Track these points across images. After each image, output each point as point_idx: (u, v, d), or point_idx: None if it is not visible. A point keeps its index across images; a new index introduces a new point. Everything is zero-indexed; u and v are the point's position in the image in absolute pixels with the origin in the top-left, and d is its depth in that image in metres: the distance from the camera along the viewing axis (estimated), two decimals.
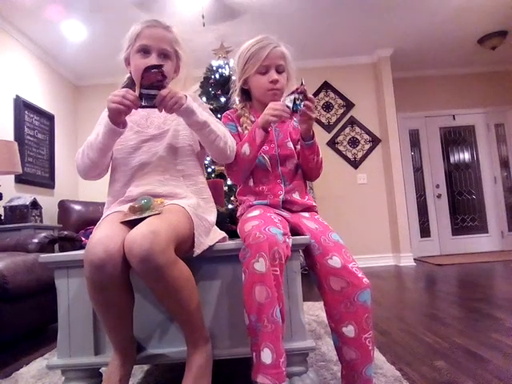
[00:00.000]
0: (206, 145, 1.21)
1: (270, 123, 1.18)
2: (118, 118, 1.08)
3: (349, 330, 1.04)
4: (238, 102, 1.40)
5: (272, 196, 1.27)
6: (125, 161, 1.22)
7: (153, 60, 1.19)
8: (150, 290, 0.97)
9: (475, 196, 5.48)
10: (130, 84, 1.25)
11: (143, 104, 1.05)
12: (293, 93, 1.15)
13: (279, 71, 1.29)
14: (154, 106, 1.06)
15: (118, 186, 1.23)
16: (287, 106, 1.15)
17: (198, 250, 1.05)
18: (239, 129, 1.34)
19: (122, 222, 1.02)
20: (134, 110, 1.07)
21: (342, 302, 1.05)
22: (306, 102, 1.15)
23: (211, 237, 1.15)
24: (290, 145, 1.32)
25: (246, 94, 1.39)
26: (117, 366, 1.02)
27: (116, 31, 3.67)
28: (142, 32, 1.22)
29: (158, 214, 1.01)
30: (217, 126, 1.19)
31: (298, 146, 1.32)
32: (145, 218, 0.99)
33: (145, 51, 1.21)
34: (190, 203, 1.13)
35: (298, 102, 1.14)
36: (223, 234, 1.23)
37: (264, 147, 1.28)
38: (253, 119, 1.33)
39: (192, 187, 1.22)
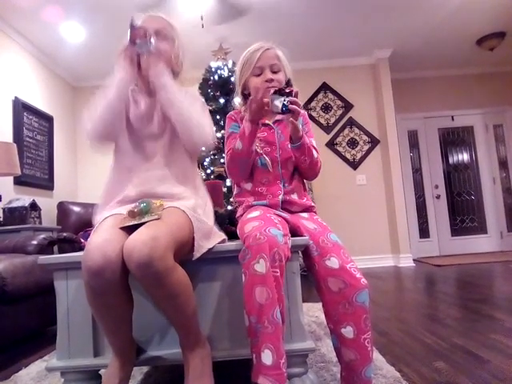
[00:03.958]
0: (176, 126, 1.17)
1: (257, 114, 1.18)
2: (132, 60, 1.20)
3: (347, 331, 1.04)
4: (238, 105, 1.43)
5: (271, 196, 1.28)
6: (124, 158, 1.22)
7: None
8: (148, 294, 0.97)
9: (474, 197, 5.49)
10: None
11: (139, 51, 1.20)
12: (280, 93, 1.16)
13: (274, 71, 1.32)
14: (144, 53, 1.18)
15: (116, 183, 1.21)
16: (275, 106, 1.16)
17: (197, 254, 1.05)
18: None
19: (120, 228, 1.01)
20: (134, 108, 1.23)
21: (341, 303, 1.05)
22: (291, 98, 1.15)
23: (211, 240, 1.15)
24: None
25: (247, 98, 1.40)
26: (116, 368, 1.02)
27: (115, 32, 3.71)
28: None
29: (158, 219, 1.00)
30: (190, 110, 1.15)
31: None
32: (144, 222, 0.99)
33: None
34: (188, 205, 1.12)
35: (285, 103, 1.15)
36: (223, 236, 1.23)
37: (266, 149, 1.30)
38: None
39: (189, 185, 1.23)
